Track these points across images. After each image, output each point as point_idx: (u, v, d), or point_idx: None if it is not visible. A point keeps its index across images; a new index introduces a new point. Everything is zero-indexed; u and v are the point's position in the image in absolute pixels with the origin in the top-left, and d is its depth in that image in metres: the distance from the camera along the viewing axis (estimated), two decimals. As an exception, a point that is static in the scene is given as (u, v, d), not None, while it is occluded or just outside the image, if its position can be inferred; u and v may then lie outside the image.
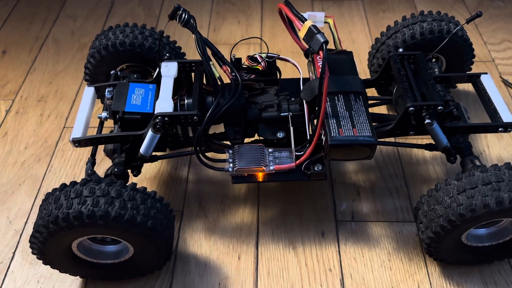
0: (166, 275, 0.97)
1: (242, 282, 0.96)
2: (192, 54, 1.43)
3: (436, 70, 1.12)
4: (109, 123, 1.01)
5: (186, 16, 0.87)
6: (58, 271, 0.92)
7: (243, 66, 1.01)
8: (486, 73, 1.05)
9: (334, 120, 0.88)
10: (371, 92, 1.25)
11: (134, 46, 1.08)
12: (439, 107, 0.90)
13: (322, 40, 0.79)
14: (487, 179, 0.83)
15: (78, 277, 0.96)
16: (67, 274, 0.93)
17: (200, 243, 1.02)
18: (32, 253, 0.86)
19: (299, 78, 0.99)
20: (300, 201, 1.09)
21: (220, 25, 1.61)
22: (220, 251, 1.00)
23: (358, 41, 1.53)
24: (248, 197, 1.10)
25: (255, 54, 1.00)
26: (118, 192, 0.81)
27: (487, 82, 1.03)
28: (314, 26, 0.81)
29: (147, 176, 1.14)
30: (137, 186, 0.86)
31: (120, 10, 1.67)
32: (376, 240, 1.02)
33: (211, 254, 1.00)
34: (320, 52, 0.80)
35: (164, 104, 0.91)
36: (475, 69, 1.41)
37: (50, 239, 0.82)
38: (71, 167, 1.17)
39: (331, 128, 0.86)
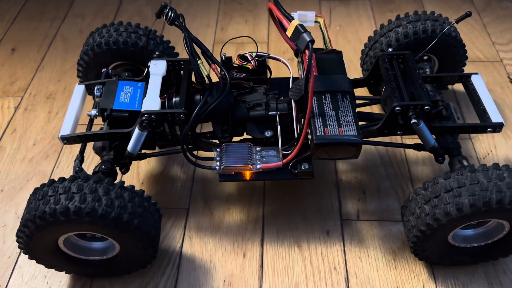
0: (172, 272, 0.97)
1: (247, 280, 0.96)
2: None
3: (427, 70, 1.11)
4: (100, 121, 1.02)
5: (172, 14, 0.87)
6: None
7: (234, 65, 1.01)
8: (476, 73, 1.04)
9: (320, 119, 0.87)
10: (364, 91, 1.24)
11: (126, 44, 1.08)
12: (426, 107, 0.89)
13: (308, 39, 0.79)
14: (449, 186, 0.83)
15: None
16: (64, 272, 0.95)
17: (205, 241, 1.02)
18: (23, 252, 0.88)
19: (289, 77, 0.99)
20: (305, 200, 1.09)
21: (227, 24, 1.61)
22: (226, 249, 1.01)
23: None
24: (254, 195, 1.10)
25: (246, 53, 1.00)
26: (79, 186, 0.81)
27: (477, 82, 1.02)
28: (301, 25, 0.81)
29: (153, 174, 1.15)
30: (141, 184, 0.86)
31: (128, 9, 1.68)
32: (381, 239, 1.02)
33: (217, 251, 1.01)
34: (306, 51, 0.80)
35: (151, 102, 0.91)
36: (482, 69, 1.41)
37: (31, 241, 0.85)
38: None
39: (317, 127, 0.86)
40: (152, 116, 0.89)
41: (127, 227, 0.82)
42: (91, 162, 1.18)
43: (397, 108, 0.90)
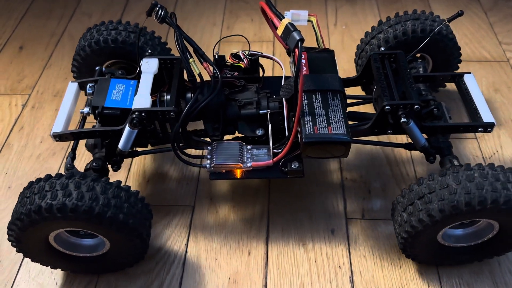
0: (177, 269, 0.98)
1: (252, 277, 0.97)
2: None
3: (420, 69, 1.11)
4: (94, 118, 1.02)
5: (162, 13, 0.87)
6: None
7: (227, 63, 1.01)
8: (469, 73, 1.04)
9: (310, 118, 0.88)
10: (359, 91, 1.24)
11: (106, 42, 1.09)
12: (415, 106, 0.89)
13: (297, 38, 0.79)
14: (421, 192, 0.84)
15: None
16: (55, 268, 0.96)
17: (210, 238, 1.03)
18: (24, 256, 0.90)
19: (282, 76, 0.99)
20: (311, 198, 1.09)
21: (233, 23, 1.62)
22: (231, 246, 1.01)
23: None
24: (259, 194, 1.11)
25: (238, 52, 1.00)
26: (52, 184, 0.83)
27: (470, 81, 1.02)
28: (291, 24, 0.81)
29: (159, 172, 1.16)
30: (147, 182, 0.86)
31: (135, 8, 1.69)
32: (386, 238, 1.02)
33: (222, 249, 1.01)
34: (296, 50, 0.80)
35: (142, 99, 0.92)
36: (489, 68, 1.41)
37: (20, 243, 0.87)
38: (85, 161, 1.19)
39: (306, 126, 0.87)
40: (143, 114, 0.90)
41: (100, 219, 0.82)
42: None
43: (386, 107, 0.90)
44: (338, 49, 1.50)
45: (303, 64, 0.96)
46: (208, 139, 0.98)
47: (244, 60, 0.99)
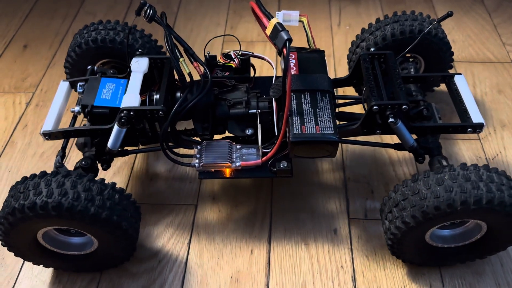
0: (180, 268, 0.98)
1: (254, 276, 0.97)
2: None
3: (411, 70, 1.11)
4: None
5: (151, 12, 0.88)
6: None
7: (218, 63, 1.01)
8: (460, 74, 1.04)
9: (298, 118, 0.88)
10: (352, 91, 1.24)
11: (87, 44, 1.10)
12: (403, 106, 0.89)
13: (285, 38, 0.79)
14: (396, 199, 0.85)
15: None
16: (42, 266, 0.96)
17: (213, 237, 1.03)
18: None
19: (273, 76, 0.99)
20: (313, 198, 1.09)
21: (237, 23, 1.62)
22: (233, 245, 1.02)
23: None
24: (261, 193, 1.11)
25: (230, 52, 1.00)
26: (26, 185, 0.83)
27: (460, 82, 1.02)
28: (280, 24, 0.81)
29: (162, 170, 1.16)
30: (150, 181, 0.86)
31: (139, 7, 1.70)
32: (388, 238, 1.02)
33: (224, 247, 1.01)
34: (284, 50, 0.80)
35: (131, 98, 0.92)
36: (492, 70, 1.40)
37: (11, 247, 0.88)
38: (88, 159, 1.19)
39: (294, 125, 0.87)
40: (131, 113, 0.90)
41: (71, 214, 0.81)
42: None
43: (374, 107, 0.90)
44: (342, 50, 1.50)
45: (292, 64, 0.96)
46: (198, 138, 0.98)
47: (235, 60, 0.99)
